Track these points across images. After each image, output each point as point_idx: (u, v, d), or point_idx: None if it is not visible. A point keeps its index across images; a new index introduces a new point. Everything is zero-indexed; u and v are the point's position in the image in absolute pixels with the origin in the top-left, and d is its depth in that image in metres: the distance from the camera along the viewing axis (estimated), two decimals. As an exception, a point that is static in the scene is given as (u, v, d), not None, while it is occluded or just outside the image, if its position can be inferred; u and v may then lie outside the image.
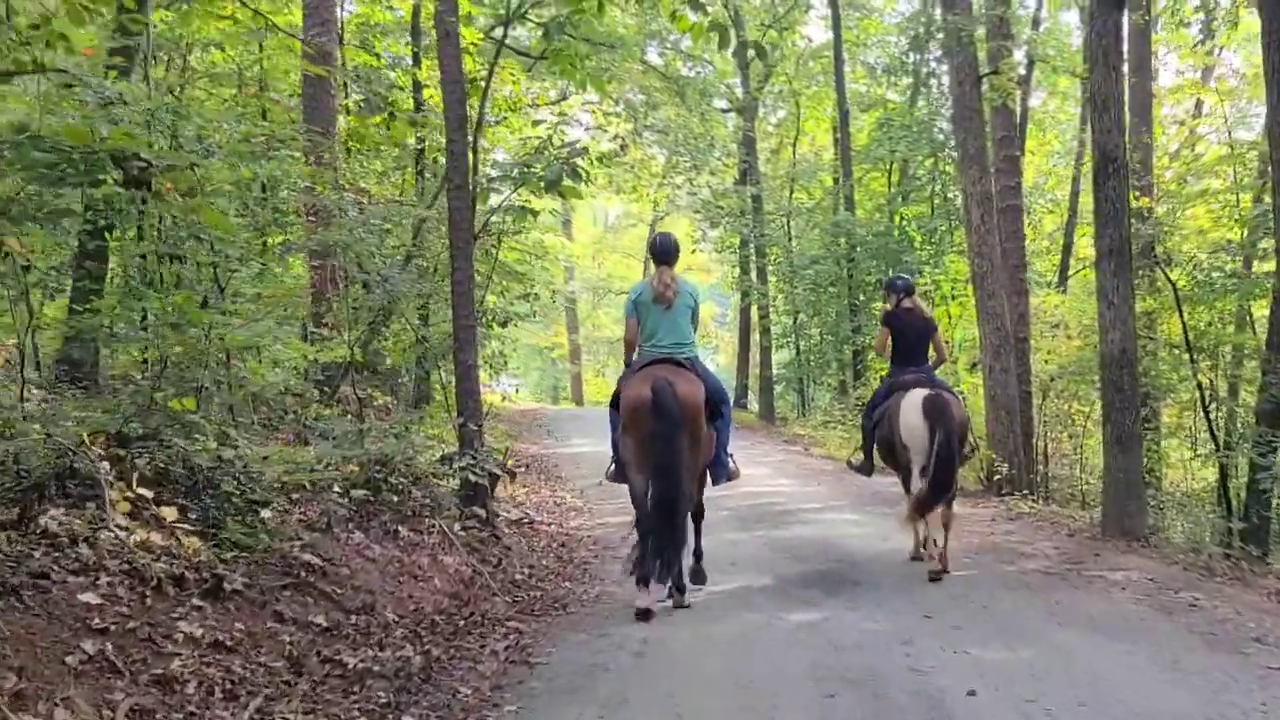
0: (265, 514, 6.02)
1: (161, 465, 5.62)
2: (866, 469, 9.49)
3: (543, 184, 8.00)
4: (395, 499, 7.34)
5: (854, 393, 24.00)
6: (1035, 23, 26.82)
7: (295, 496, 6.75)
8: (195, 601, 4.74)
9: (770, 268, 28.70)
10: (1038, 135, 29.53)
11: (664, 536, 6.46)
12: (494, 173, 8.58)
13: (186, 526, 5.29)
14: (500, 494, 11.40)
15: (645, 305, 7.16)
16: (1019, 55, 19.69)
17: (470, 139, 8.30)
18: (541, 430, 22.72)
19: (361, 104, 14.15)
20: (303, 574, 5.63)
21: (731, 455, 7.61)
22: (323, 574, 5.79)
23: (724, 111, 31.18)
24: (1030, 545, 9.61)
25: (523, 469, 15.28)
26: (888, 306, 9.23)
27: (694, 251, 35.67)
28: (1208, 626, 6.62)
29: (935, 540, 8.19)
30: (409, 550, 6.79)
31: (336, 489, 6.58)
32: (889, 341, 9.03)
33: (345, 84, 13.80)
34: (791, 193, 30.66)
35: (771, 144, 34.51)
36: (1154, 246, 13.02)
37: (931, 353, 9.06)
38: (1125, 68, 10.02)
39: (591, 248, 49.81)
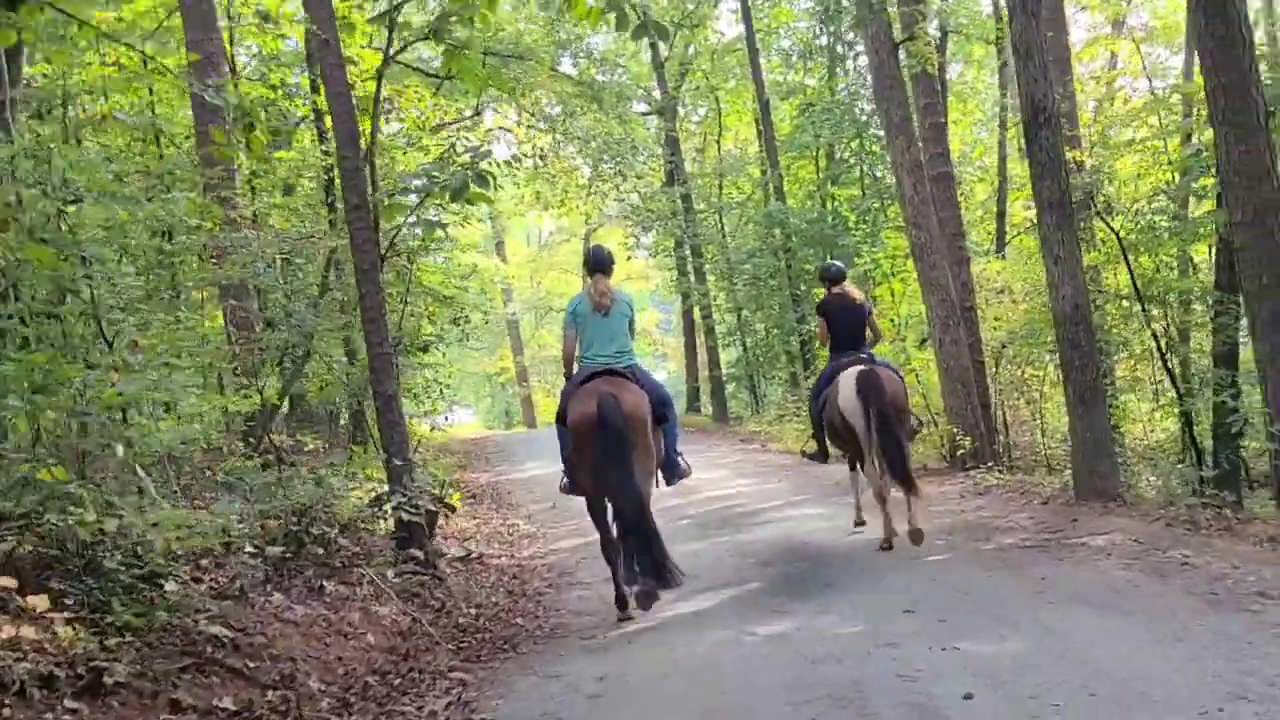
0: (169, 587, 5.36)
1: (31, 547, 4.94)
2: (821, 456, 9.51)
3: (448, 194, 7.39)
4: (320, 551, 6.68)
5: (805, 383, 23.53)
6: (944, -7, 26.63)
7: (204, 563, 6.09)
8: (68, 704, 4.07)
9: (708, 266, 28.26)
10: (959, 107, 29.29)
11: (638, 543, 6.59)
12: (397, 189, 7.93)
13: (64, 615, 4.63)
14: (444, 529, 10.78)
15: (584, 316, 7.27)
16: (932, 28, 19.34)
17: (364, 154, 7.68)
18: (492, 457, 22.02)
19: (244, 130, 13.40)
20: (208, 650, 4.97)
21: (681, 454, 7.69)
22: (233, 647, 5.13)
23: (644, 115, 30.73)
24: (1004, 519, 9.14)
25: (470, 499, 14.63)
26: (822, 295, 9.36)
27: (629, 259, 35.29)
28: (1207, 586, 6.15)
29: (890, 520, 8.30)
30: (337, 606, 6.13)
31: (250, 548, 5.92)
32: (826, 329, 9.21)
33: (236, 118, 13.14)
34: (721, 189, 30.22)
35: (696, 143, 34.10)
36: (1092, 197, 12.62)
37: (869, 334, 9.25)
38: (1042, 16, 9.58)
39: (527, 267, 49.14)
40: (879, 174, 26.81)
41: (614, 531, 6.92)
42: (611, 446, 6.57)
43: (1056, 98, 9.58)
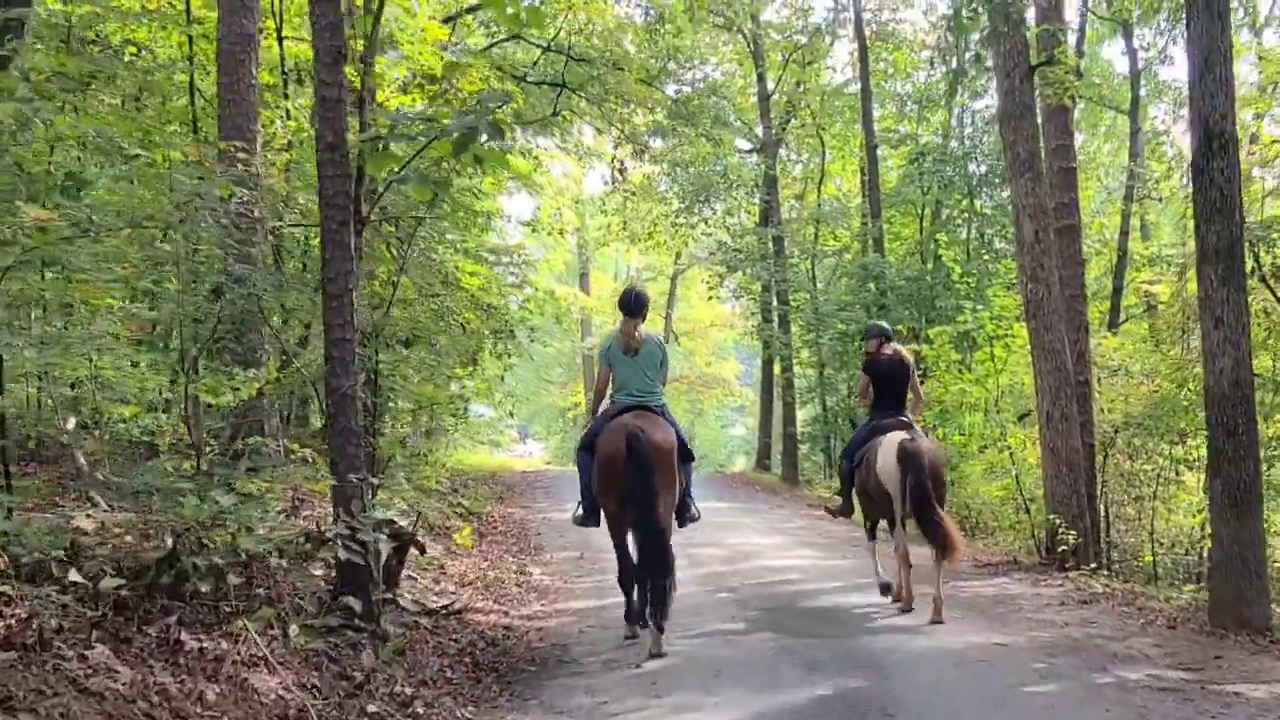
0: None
1: None
2: (846, 511, 9.43)
3: (449, 145, 5.78)
4: (204, 590, 5.04)
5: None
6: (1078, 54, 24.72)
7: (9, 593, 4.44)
8: None
9: (793, 315, 26.39)
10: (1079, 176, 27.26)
11: (655, 576, 6.79)
12: (386, 130, 6.29)
13: None
14: (435, 573, 9.14)
15: (616, 356, 7.53)
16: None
17: (353, 80, 6.12)
18: (539, 493, 20.39)
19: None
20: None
21: (693, 499, 7.86)
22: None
23: (745, 153, 29.17)
24: (1122, 642, 7.18)
25: (491, 538, 12.99)
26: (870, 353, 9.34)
27: (710, 298, 33.60)
28: None
29: (909, 585, 8.27)
30: (195, 671, 4.40)
31: (76, 576, 4.30)
32: (869, 387, 9.14)
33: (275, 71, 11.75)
34: (817, 236, 28.42)
35: (795, 190, 32.41)
36: (1254, 254, 10.51)
37: (910, 396, 9.25)
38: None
39: (609, 302, 47.68)
40: (987, 236, 24.97)
41: (633, 560, 7.09)
42: (640, 480, 6.74)
43: (1233, 123, 7.68)
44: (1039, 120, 12.13)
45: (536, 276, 35.99)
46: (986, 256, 21.96)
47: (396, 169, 6.02)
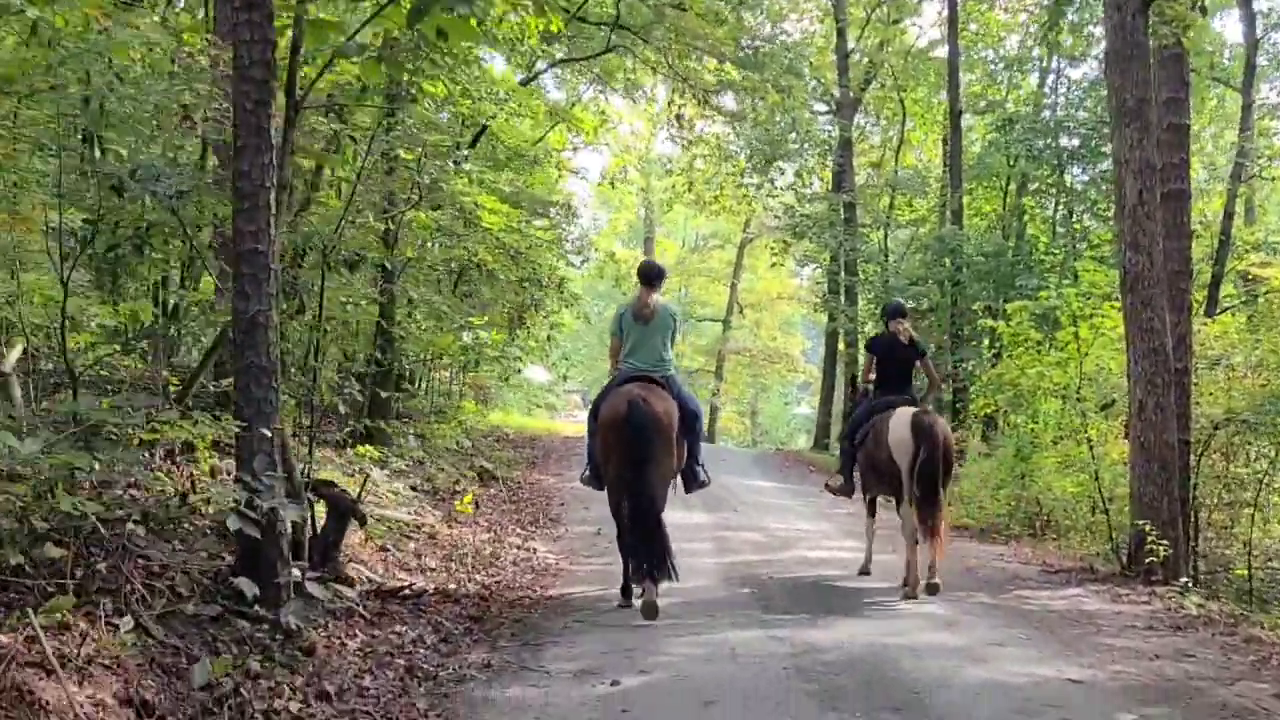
0: None
1: None
2: (847, 490, 9.28)
3: (404, 10, 4.50)
4: (16, 563, 3.81)
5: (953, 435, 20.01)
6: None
7: None
8: None
9: (861, 288, 24.80)
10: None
11: (644, 538, 6.88)
12: None
13: None
14: (431, 544, 7.94)
15: (628, 323, 7.63)
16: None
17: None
18: (575, 459, 19.16)
19: None
20: None
21: (703, 465, 7.92)
22: None
23: (821, 114, 27.60)
24: (1231, 686, 5.72)
25: (506, 507, 11.79)
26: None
27: (774, 265, 32.06)
28: None
29: (920, 557, 8.02)
30: None
31: None
32: (873, 367, 9.13)
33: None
34: (892, 205, 26.75)
35: (872, 157, 30.71)
36: None
37: (920, 379, 9.31)
38: None
39: (675, 270, 46.23)
40: (1078, 213, 23.21)
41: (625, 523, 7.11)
42: (636, 446, 6.91)
43: None
44: (1150, 67, 10.52)
45: (597, 237, 35.01)
46: (1077, 227, 20.21)
47: (340, 39, 4.74)
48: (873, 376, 9.09)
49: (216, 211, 5.97)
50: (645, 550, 6.84)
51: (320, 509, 5.96)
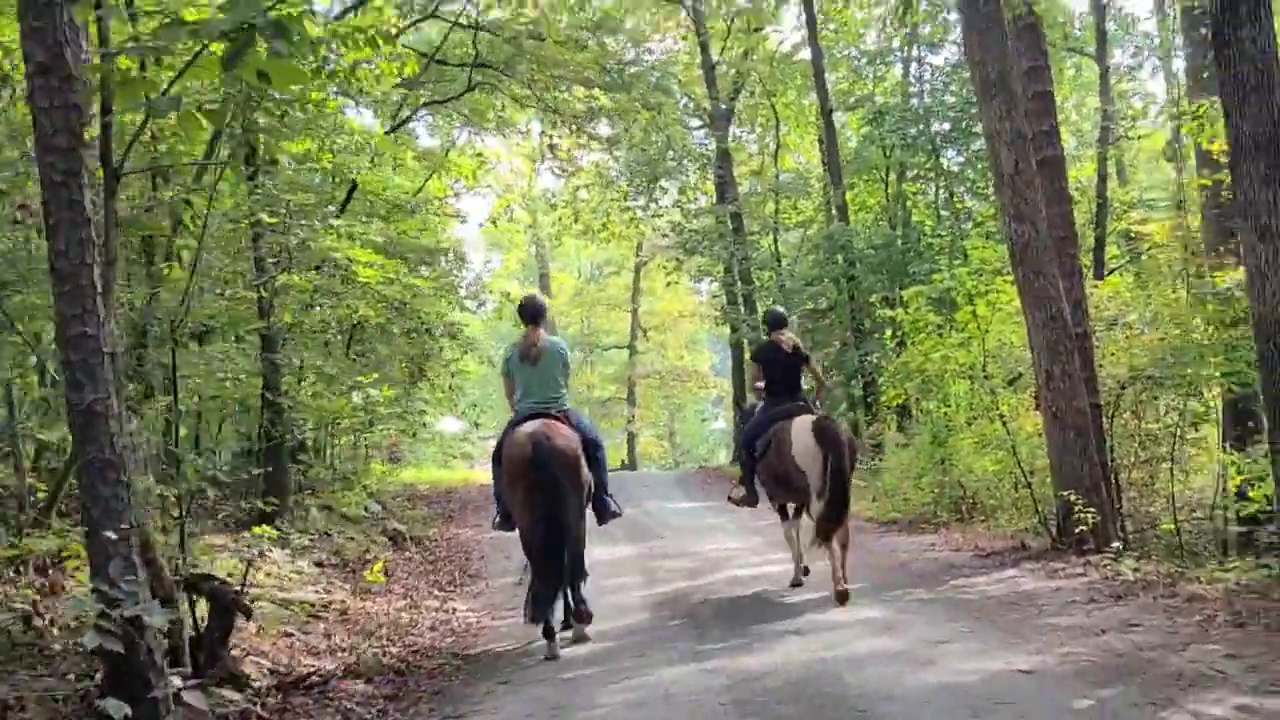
0: None
1: None
2: (751, 500, 9.24)
3: (219, 53, 4.06)
4: None
5: (867, 431, 19.96)
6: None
7: None
8: None
9: (758, 296, 24.70)
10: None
11: (554, 575, 6.86)
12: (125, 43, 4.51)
13: None
14: (349, 617, 7.46)
15: (516, 365, 7.64)
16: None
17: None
18: (491, 508, 18.65)
19: None
20: None
21: (612, 496, 7.81)
22: None
23: (695, 129, 27.55)
24: (1183, 653, 5.52)
25: (427, 565, 11.31)
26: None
27: (669, 284, 31.92)
28: None
29: (834, 561, 7.89)
30: None
31: None
32: (760, 375, 9.17)
33: None
34: (777, 209, 26.75)
35: (752, 166, 30.75)
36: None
37: (809, 382, 9.46)
38: None
39: (574, 302, 45.88)
40: (958, 194, 23.41)
41: (545, 564, 6.92)
42: (544, 484, 6.83)
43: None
44: (1008, 40, 10.51)
45: (491, 279, 34.53)
46: (959, 206, 20.36)
47: (151, 96, 4.32)
48: (760, 385, 9.14)
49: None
50: (561, 584, 6.93)
51: (204, 606, 5.50)
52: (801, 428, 8.16)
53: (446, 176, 25.43)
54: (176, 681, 4.53)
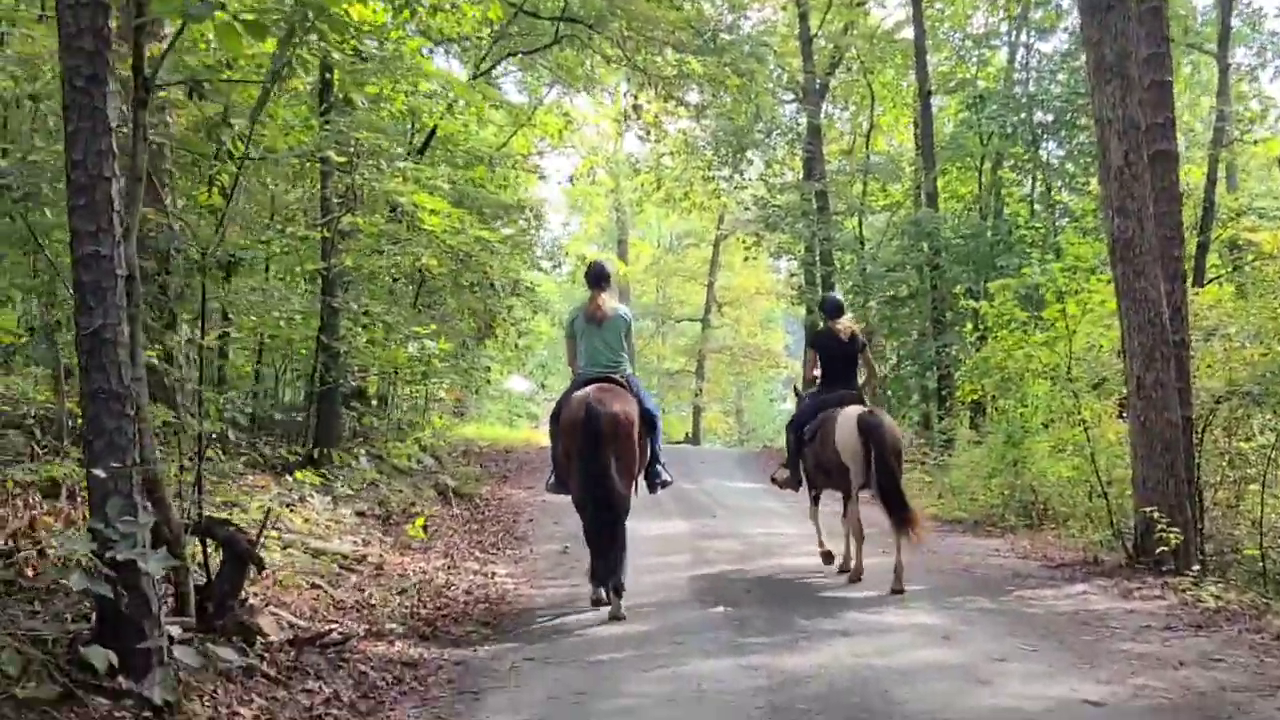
0: None
1: None
2: (794, 483, 9.21)
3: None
4: None
5: (939, 425, 19.35)
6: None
7: None
8: None
9: (837, 278, 24.07)
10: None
11: (605, 540, 6.92)
12: None
13: None
14: (362, 572, 7.18)
15: (580, 328, 7.68)
16: None
17: None
18: (547, 470, 18.40)
19: None
20: None
21: (664, 465, 8.00)
22: None
23: (787, 103, 26.93)
24: (1271, 697, 5.00)
25: (473, 526, 11.05)
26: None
27: (747, 259, 31.34)
28: None
29: (854, 555, 8.24)
30: None
31: None
32: (818, 362, 9.12)
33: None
34: (865, 191, 26.02)
35: (842, 145, 30.04)
36: None
37: (863, 372, 9.30)
38: None
39: (651, 271, 45.44)
40: (1055, 189, 22.53)
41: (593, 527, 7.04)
42: (597, 448, 6.88)
43: None
44: (1129, 21, 9.84)
45: (569, 241, 34.27)
46: (1057, 199, 19.61)
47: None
48: (817, 372, 9.09)
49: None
50: (608, 552, 6.89)
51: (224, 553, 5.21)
52: (847, 418, 8.14)
53: (532, 134, 25.18)
54: (175, 632, 4.24)
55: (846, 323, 9.06)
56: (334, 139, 9.55)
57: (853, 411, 8.21)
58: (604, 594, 7.06)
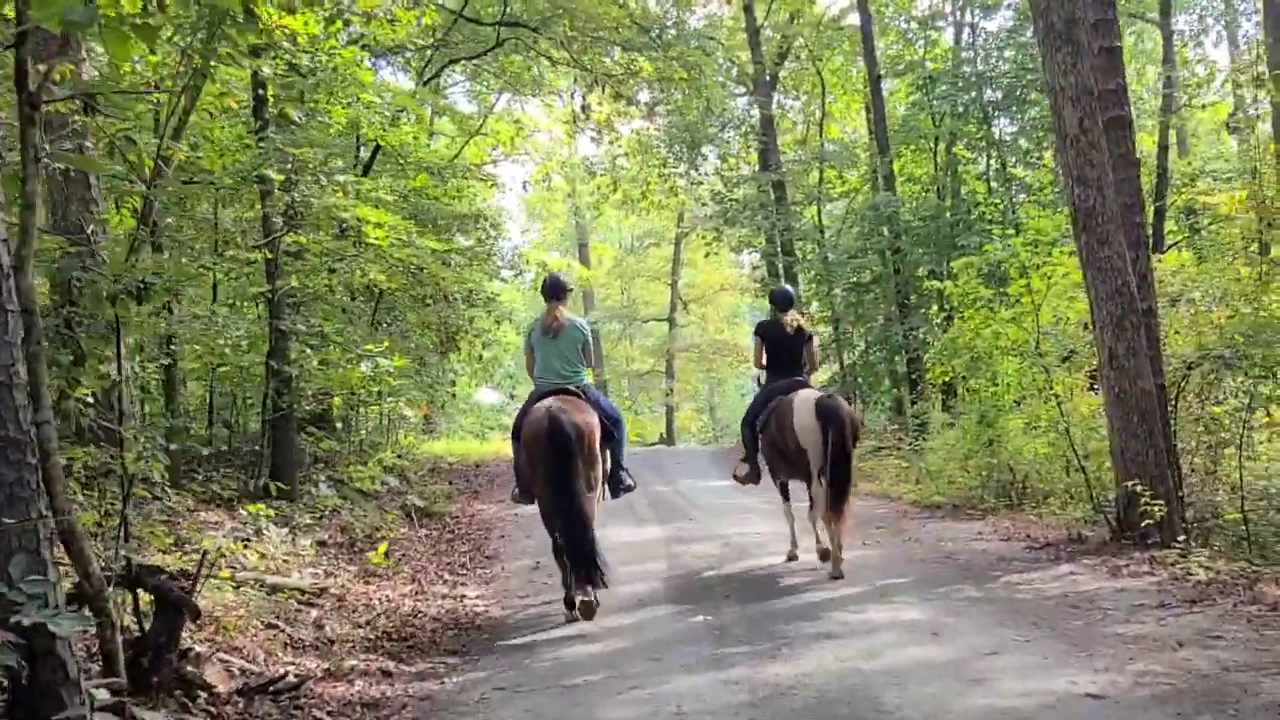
0: None
1: None
2: (754, 477, 9.35)
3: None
4: None
5: (911, 409, 19.17)
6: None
7: None
8: None
9: (799, 268, 23.85)
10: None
11: (575, 546, 7.00)
12: None
13: None
14: (324, 605, 6.86)
15: (537, 339, 7.88)
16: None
17: None
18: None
19: None
20: None
21: (626, 470, 8.14)
22: None
23: (738, 96, 26.74)
24: (1277, 675, 4.78)
25: (443, 543, 10.72)
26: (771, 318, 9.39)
27: (707, 255, 31.09)
28: None
29: (825, 540, 8.17)
30: None
31: None
32: (763, 351, 9.20)
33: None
34: (821, 179, 25.82)
35: (796, 135, 29.87)
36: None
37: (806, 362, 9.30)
38: None
39: (614, 273, 45.17)
40: (1010, 165, 22.39)
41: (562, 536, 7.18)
42: (560, 458, 6.99)
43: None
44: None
45: (529, 249, 33.99)
46: (1015, 176, 19.48)
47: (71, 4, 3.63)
48: (764, 361, 9.17)
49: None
50: (578, 557, 6.97)
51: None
52: (803, 402, 8.21)
53: (484, 144, 24.83)
54: (103, 696, 3.90)
55: (794, 315, 9.21)
56: (271, 157, 9.22)
57: (810, 395, 8.29)
58: (581, 597, 7.04)
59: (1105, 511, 9.62)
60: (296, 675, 5.42)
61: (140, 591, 4.69)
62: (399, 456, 14.43)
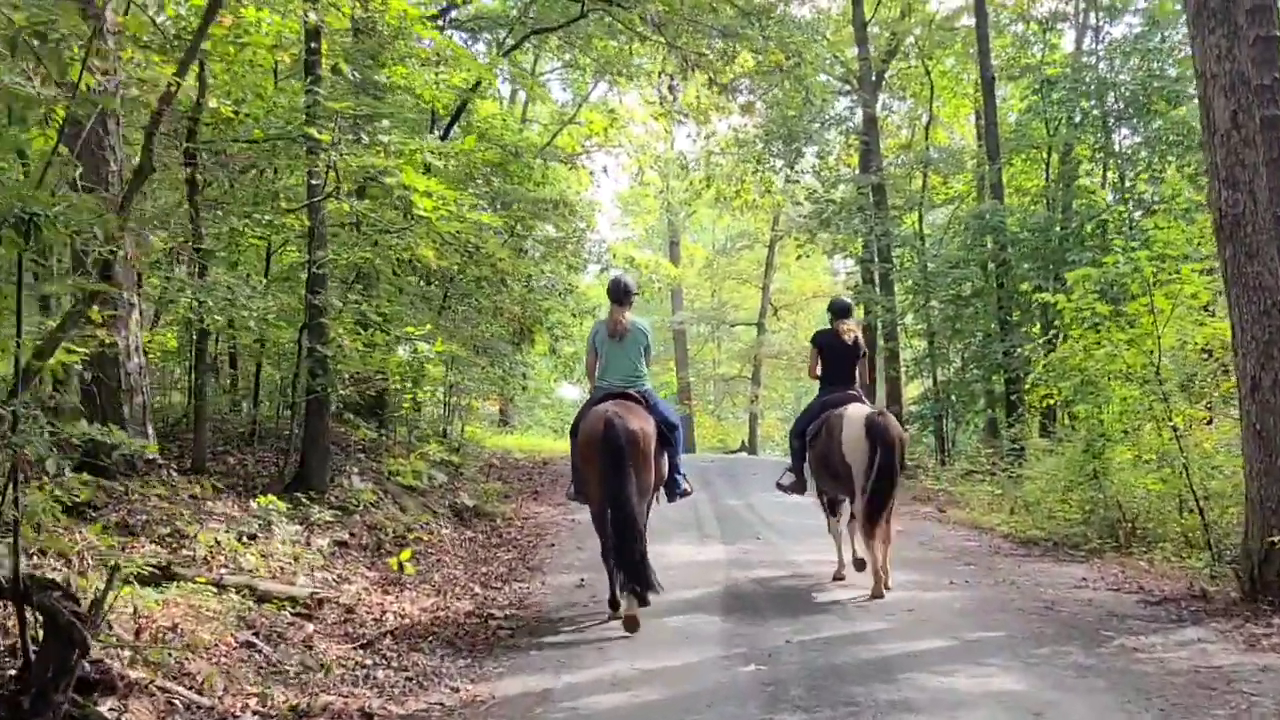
0: None
1: None
2: (799, 487, 9.21)
3: None
4: None
5: (1007, 433, 17.82)
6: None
7: None
8: None
9: (895, 275, 22.56)
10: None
11: (625, 551, 6.97)
12: None
13: None
14: (334, 613, 5.96)
15: (602, 342, 7.93)
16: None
17: None
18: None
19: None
20: None
21: (683, 475, 8.15)
22: None
23: (842, 94, 25.52)
24: None
25: (489, 549, 9.83)
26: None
27: (799, 257, 29.79)
28: None
29: (874, 557, 7.94)
30: None
31: None
32: (818, 361, 9.12)
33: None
34: (925, 185, 24.49)
35: (900, 139, 28.53)
36: None
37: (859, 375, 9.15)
38: None
39: (704, 274, 44.11)
40: (1130, 180, 20.86)
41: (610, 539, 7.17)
42: (614, 463, 7.01)
43: None
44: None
45: (618, 244, 33.13)
46: (1139, 191, 18.06)
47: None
48: (819, 370, 9.08)
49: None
50: (626, 564, 6.92)
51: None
52: (853, 418, 8.13)
53: (578, 133, 24.02)
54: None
55: (851, 325, 9.05)
56: (318, 115, 8.41)
57: (861, 410, 8.25)
58: (626, 609, 6.95)
59: (1234, 565, 8.33)
60: (258, 712, 4.49)
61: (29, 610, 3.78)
62: (455, 450, 13.54)
